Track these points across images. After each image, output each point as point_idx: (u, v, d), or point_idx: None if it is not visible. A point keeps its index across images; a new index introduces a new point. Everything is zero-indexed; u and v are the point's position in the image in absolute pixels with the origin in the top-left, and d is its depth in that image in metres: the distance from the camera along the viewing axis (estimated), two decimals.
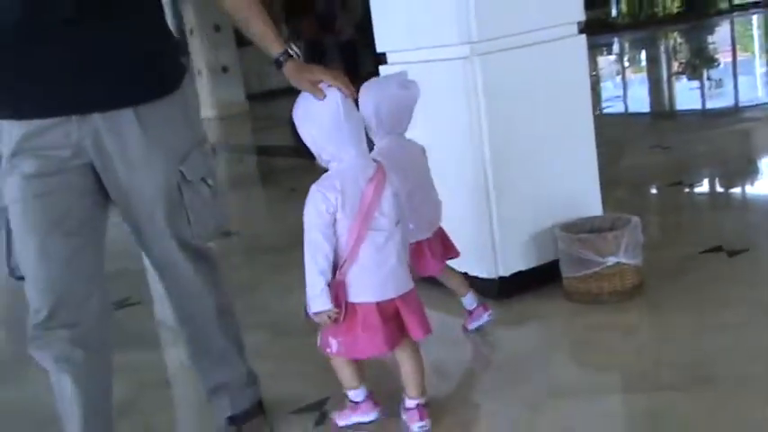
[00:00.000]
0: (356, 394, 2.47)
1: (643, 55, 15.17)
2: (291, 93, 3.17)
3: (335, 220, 2.18)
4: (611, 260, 3.04)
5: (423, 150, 2.84)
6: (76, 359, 2.14)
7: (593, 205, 3.44)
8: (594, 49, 11.82)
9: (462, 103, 3.16)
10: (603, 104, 8.84)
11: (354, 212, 2.17)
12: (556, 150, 3.33)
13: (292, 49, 2.25)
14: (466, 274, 3.35)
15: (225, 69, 13.13)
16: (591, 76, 3.49)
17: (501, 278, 3.26)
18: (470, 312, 3.05)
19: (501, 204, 3.21)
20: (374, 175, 2.21)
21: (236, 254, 3.84)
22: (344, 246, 2.19)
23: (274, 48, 2.24)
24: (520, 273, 3.28)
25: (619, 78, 11.96)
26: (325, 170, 2.28)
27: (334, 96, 2.18)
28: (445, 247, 2.93)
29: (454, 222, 3.34)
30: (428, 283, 3.52)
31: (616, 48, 16.35)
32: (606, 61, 14.25)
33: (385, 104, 2.63)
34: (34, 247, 2.02)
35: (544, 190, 3.31)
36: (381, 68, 3.50)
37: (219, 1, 2.20)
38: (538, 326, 3.11)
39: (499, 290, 3.26)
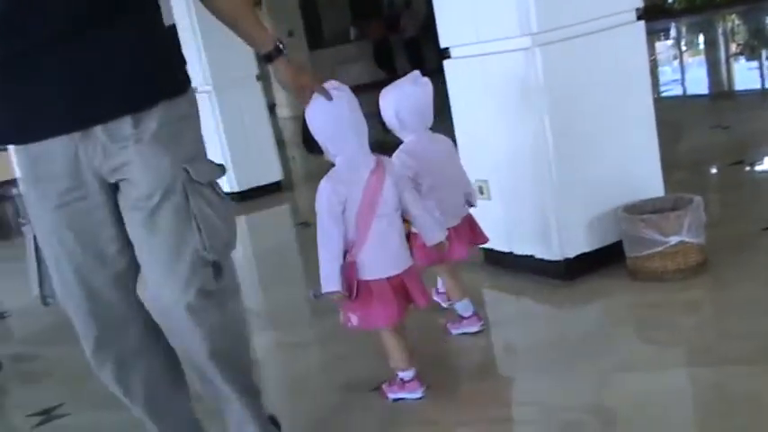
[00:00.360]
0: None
1: (701, 38, 14.68)
2: (358, 91, 3.20)
3: (344, 209, 2.34)
4: (674, 239, 2.96)
5: (450, 144, 2.95)
6: (130, 382, 2.03)
7: (654, 186, 3.35)
8: (652, 35, 11.50)
9: (524, 92, 3.11)
10: (662, 88, 8.59)
11: (359, 200, 2.33)
12: (617, 135, 3.26)
13: (282, 45, 2.11)
14: (532, 256, 3.32)
15: None
16: (649, 60, 3.40)
17: (566, 260, 3.21)
18: (462, 318, 2.98)
19: (564, 189, 3.16)
20: (376, 166, 2.38)
21: (311, 242, 3.87)
22: (353, 230, 2.36)
23: (265, 44, 2.10)
24: (584, 254, 3.22)
25: (677, 62, 11.60)
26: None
27: (343, 97, 2.31)
28: (473, 233, 2.98)
29: (520, 208, 3.32)
30: (494, 266, 3.51)
31: (673, 32, 15.86)
32: (664, 46, 13.84)
33: (403, 104, 2.75)
34: (73, 280, 1.85)
35: (606, 173, 3.24)
36: (446, 63, 3.48)
37: (209, 1, 2.02)
38: (604, 304, 3.06)
39: (565, 271, 3.22)
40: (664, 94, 8.22)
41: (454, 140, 3.26)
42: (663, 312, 2.84)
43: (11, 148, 1.94)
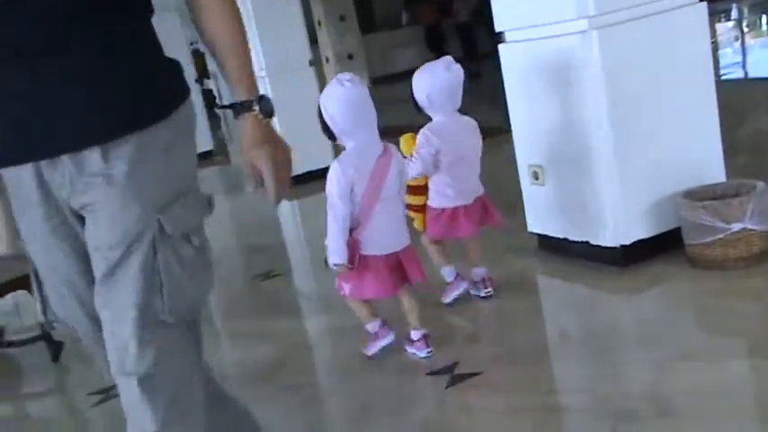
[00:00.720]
0: (373, 326, 2.84)
1: (763, 19, 14.22)
2: (411, 75, 3.18)
3: (352, 190, 2.57)
4: (736, 226, 2.88)
5: (474, 127, 3.09)
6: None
7: (715, 172, 3.27)
8: (713, 16, 11.19)
9: (582, 76, 3.06)
10: (723, 71, 8.36)
11: (366, 183, 2.57)
12: (677, 119, 3.18)
13: (263, 103, 1.64)
14: (587, 243, 3.27)
15: (350, 56, 13.27)
16: (710, 43, 3.31)
17: (623, 246, 3.16)
18: (476, 283, 3.18)
19: (622, 174, 3.10)
20: (383, 153, 2.61)
21: None
22: (359, 210, 2.60)
23: (239, 90, 1.64)
24: (641, 241, 3.16)
25: (738, 44, 11.26)
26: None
27: (354, 87, 2.55)
28: (485, 214, 3.13)
29: (575, 194, 3.27)
30: (548, 252, 3.47)
31: (735, 13, 15.39)
32: (724, 28, 13.45)
33: (435, 86, 2.94)
34: (72, 301, 1.60)
35: (666, 158, 3.17)
36: (501, 47, 3.44)
37: (198, 22, 1.70)
38: (662, 292, 3.00)
39: (621, 258, 3.16)
40: (724, 78, 7.99)
41: (501, 127, 3.22)
42: (723, 301, 2.78)
43: None
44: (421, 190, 3.11)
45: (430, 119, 3.06)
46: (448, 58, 2.98)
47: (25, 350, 3.65)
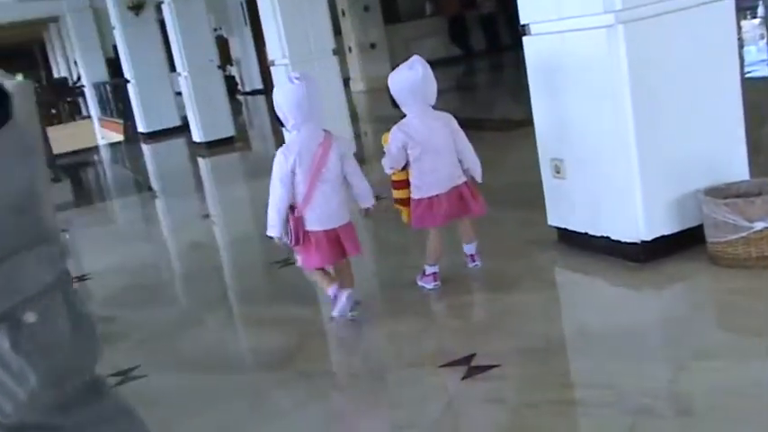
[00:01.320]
0: (333, 290, 3.18)
1: None
2: (433, 66, 3.17)
3: (294, 173, 2.98)
4: (759, 225, 2.84)
5: (448, 122, 3.27)
6: None
7: (739, 170, 3.22)
8: (738, 13, 11.04)
9: (606, 70, 3.02)
10: (747, 69, 8.24)
11: (308, 168, 2.97)
12: (701, 115, 3.14)
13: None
14: (607, 237, 3.24)
15: (373, 46, 13.23)
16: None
17: (644, 242, 3.12)
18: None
19: (645, 169, 3.06)
20: (323, 141, 3.00)
21: (382, 215, 3.90)
22: (301, 191, 3.01)
23: None
24: (663, 237, 3.13)
25: (763, 42, 11.10)
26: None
27: (302, 83, 2.96)
28: (460, 205, 3.27)
29: (596, 188, 3.24)
30: (568, 246, 3.44)
31: (761, 11, 15.17)
32: (750, 25, 13.25)
33: (401, 85, 3.18)
34: None
35: (689, 155, 3.13)
36: (525, 40, 3.41)
37: None
38: (683, 289, 2.97)
39: (642, 253, 3.13)
40: (749, 75, 7.88)
41: (522, 120, 3.20)
42: (745, 300, 2.74)
43: None
44: (404, 184, 3.29)
45: (394, 106, 3.30)
46: (413, 59, 3.21)
47: None
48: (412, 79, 3.17)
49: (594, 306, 3.00)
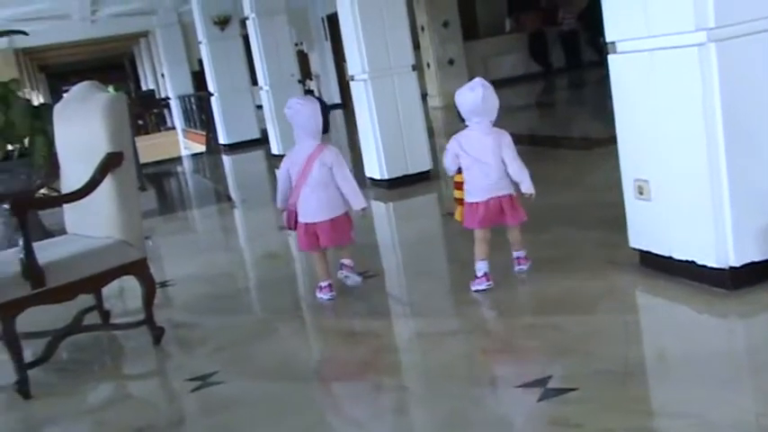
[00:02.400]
0: (323, 281, 3.91)
1: None
2: (512, 83, 3.14)
3: (291, 175, 3.81)
4: None
5: (500, 138, 3.60)
6: None
7: None
8: None
9: (697, 90, 2.93)
10: None
11: (297, 173, 3.77)
12: None
13: None
14: (693, 262, 3.14)
15: (451, 62, 13.22)
16: None
17: (732, 268, 3.01)
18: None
19: (736, 193, 2.96)
20: (312, 153, 3.74)
21: (456, 232, 3.91)
22: (294, 190, 3.80)
23: None
24: (753, 263, 3.01)
25: None
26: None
27: (304, 107, 3.76)
28: (500, 214, 3.58)
29: (682, 211, 3.15)
30: (650, 269, 3.34)
31: None
32: None
33: (466, 103, 3.57)
34: None
35: None
36: (611, 57, 3.34)
37: None
38: None
39: (730, 280, 3.02)
40: None
41: (602, 138, 3.13)
42: None
43: None
44: (460, 186, 3.67)
45: (461, 120, 3.67)
46: (475, 81, 3.57)
47: (129, 333, 3.78)
48: (472, 100, 3.53)
49: (677, 332, 2.90)
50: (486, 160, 3.55)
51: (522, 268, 3.75)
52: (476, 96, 3.52)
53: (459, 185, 3.68)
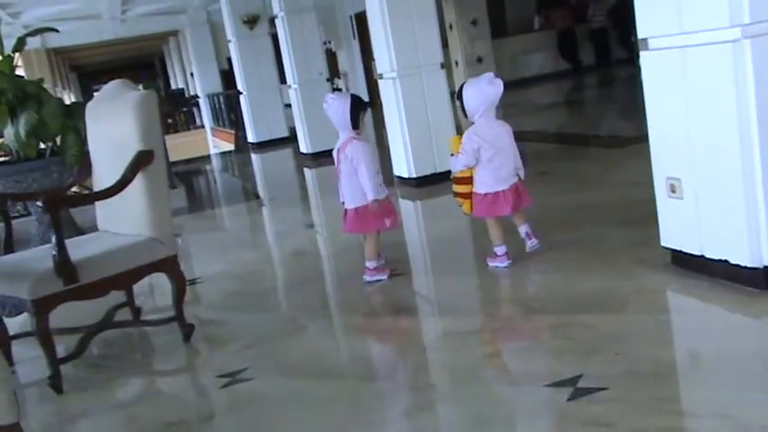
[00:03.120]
0: (371, 264, 4.10)
1: None
2: (540, 80, 3.13)
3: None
4: None
5: (508, 129, 3.88)
6: None
7: None
8: None
9: (731, 87, 2.89)
10: None
11: (336, 163, 4.05)
12: None
13: None
14: (726, 261, 3.10)
15: (479, 60, 13.17)
16: None
17: (766, 267, 2.97)
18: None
19: None
20: (342, 145, 3.99)
21: (482, 231, 3.90)
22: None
23: None
24: None
25: None
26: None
27: (336, 102, 4.01)
28: (519, 197, 3.86)
29: (715, 209, 3.11)
30: (682, 268, 3.30)
31: None
32: None
33: (481, 98, 3.77)
34: None
35: None
36: (642, 55, 3.30)
37: None
38: None
39: (764, 279, 2.97)
40: None
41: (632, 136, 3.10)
42: None
43: None
44: (466, 180, 3.87)
45: (465, 116, 3.89)
46: (489, 75, 3.79)
47: (159, 330, 3.83)
48: (494, 92, 3.75)
49: (709, 332, 2.86)
50: (505, 149, 3.80)
51: (533, 243, 3.93)
52: (497, 90, 3.74)
53: (465, 180, 3.88)
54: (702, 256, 3.21)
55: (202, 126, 20.32)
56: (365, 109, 4.15)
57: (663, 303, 3.29)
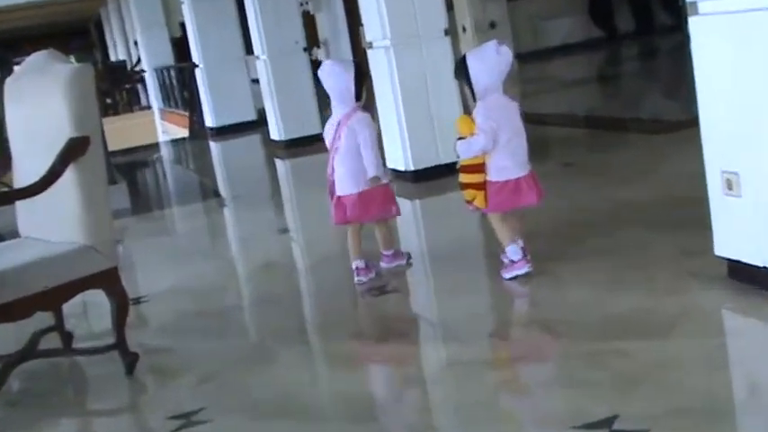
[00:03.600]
0: (358, 263, 4.28)
1: None
2: (568, 51, 3.15)
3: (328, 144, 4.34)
4: None
5: (517, 107, 4.01)
6: None
7: None
8: None
9: None
10: None
11: (330, 141, 4.27)
12: None
13: None
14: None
15: (492, 25, 13.18)
16: None
17: None
18: (513, 262, 3.93)
19: None
20: (343, 119, 4.18)
21: (490, 232, 3.92)
22: (329, 161, 4.31)
23: None
24: None
25: None
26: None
27: (338, 71, 4.20)
28: (537, 184, 3.93)
29: None
30: (741, 282, 3.32)
31: None
32: None
33: (489, 72, 3.85)
34: None
35: None
36: (691, 21, 3.32)
37: None
38: None
39: None
40: None
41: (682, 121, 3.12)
42: None
43: None
44: (476, 168, 3.89)
45: (474, 99, 3.93)
46: (492, 43, 3.88)
47: (95, 360, 3.81)
48: (506, 63, 3.87)
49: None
50: (519, 131, 3.96)
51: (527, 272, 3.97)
52: (508, 57, 3.87)
53: (475, 168, 3.90)
54: (765, 268, 3.24)
55: (149, 107, 20.31)
56: (368, 80, 4.30)
57: (717, 325, 3.31)
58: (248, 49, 11.26)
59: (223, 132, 12.05)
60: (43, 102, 3.58)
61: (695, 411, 2.58)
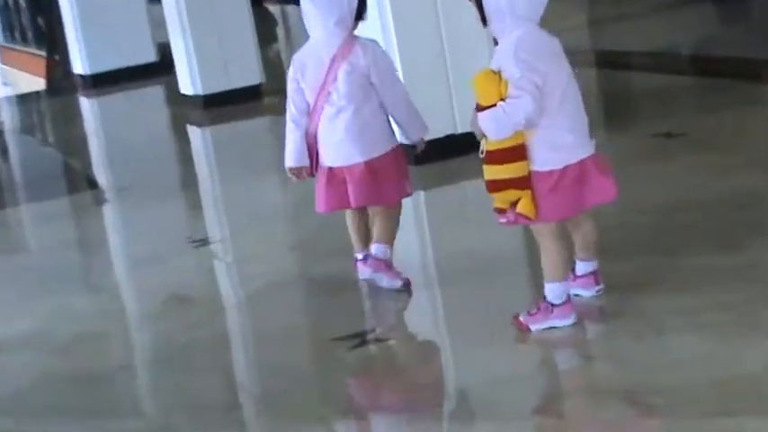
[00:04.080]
0: (359, 255, 4.60)
1: None
2: None
3: (301, 88, 4.39)
4: None
5: (560, 45, 3.89)
6: None
7: None
8: None
9: None
10: None
11: (314, 86, 4.31)
12: None
13: None
14: None
15: None
16: None
17: None
18: (577, 277, 4.08)
19: None
20: (336, 52, 4.23)
21: (530, 247, 3.90)
22: (312, 114, 4.38)
23: None
24: None
25: None
26: None
27: None
28: (607, 166, 3.89)
29: None
30: None
31: None
32: None
33: None
34: None
35: None
36: None
37: None
38: None
39: None
40: None
41: None
42: None
43: None
44: (513, 153, 3.73)
45: (494, 40, 4.01)
46: None
47: None
48: None
49: None
50: (572, 81, 3.87)
51: (600, 289, 4.09)
52: None
53: (512, 154, 3.73)
54: None
55: None
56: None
57: None
58: None
59: (103, 83, 12.11)
60: None
61: None
